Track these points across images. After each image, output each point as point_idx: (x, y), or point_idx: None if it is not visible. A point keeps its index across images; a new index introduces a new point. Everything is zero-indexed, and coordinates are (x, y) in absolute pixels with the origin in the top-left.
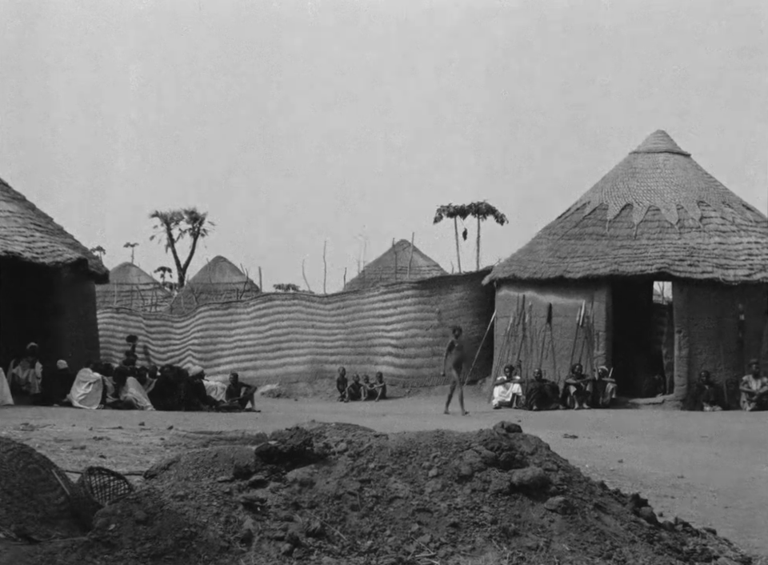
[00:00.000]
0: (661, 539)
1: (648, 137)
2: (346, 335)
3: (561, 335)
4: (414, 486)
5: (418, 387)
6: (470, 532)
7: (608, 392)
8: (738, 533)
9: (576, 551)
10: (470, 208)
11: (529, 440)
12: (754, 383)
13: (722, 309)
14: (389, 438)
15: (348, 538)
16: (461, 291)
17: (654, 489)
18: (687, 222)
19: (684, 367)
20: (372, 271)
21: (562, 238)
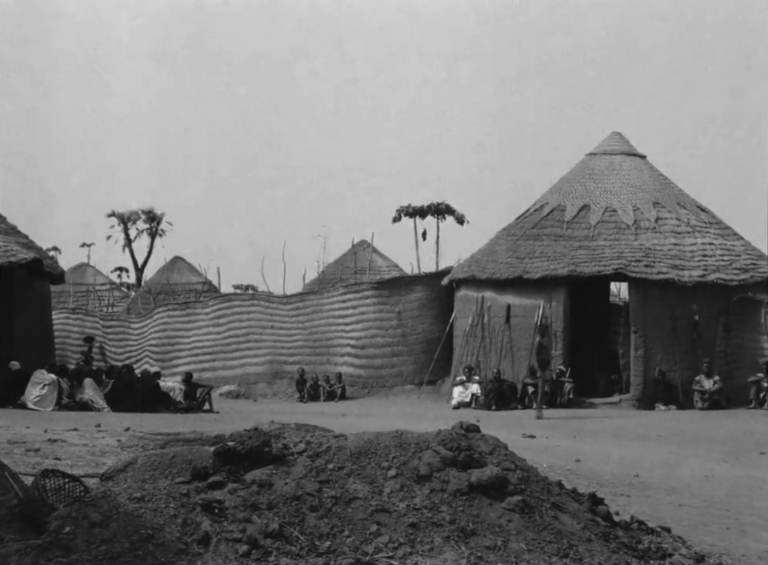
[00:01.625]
0: (616, 538)
1: (604, 138)
2: (305, 336)
3: (519, 335)
4: (373, 487)
5: (377, 388)
6: (428, 532)
7: (566, 392)
8: (691, 531)
9: (533, 550)
10: (429, 208)
11: (487, 440)
12: (707, 383)
13: (677, 309)
14: (348, 439)
15: (306, 539)
16: (420, 292)
17: (611, 488)
18: (643, 224)
19: (640, 367)
20: (332, 272)
21: (521, 239)
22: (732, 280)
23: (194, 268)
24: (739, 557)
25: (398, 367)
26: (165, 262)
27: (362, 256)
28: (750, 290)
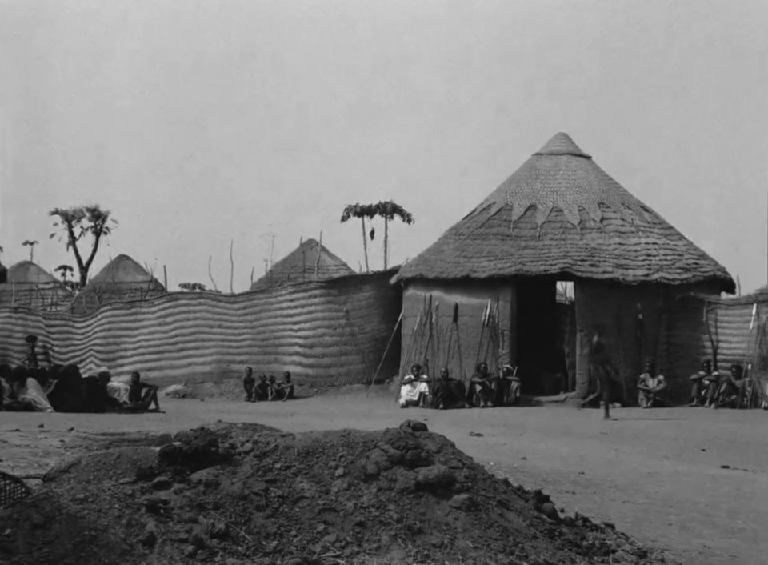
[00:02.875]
0: (561, 534)
1: (550, 139)
2: (253, 335)
3: (467, 334)
4: (321, 486)
5: (325, 387)
6: (375, 531)
7: (512, 390)
8: (634, 527)
9: (479, 548)
10: (377, 208)
11: (434, 438)
12: (651, 381)
13: (622, 308)
14: (295, 438)
15: (253, 539)
16: (368, 291)
17: (556, 485)
18: (588, 223)
19: (585, 365)
20: (280, 270)
21: (468, 238)
22: (675, 279)
23: (139, 267)
24: (680, 552)
25: (346, 366)
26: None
27: (310, 255)
28: (692, 290)
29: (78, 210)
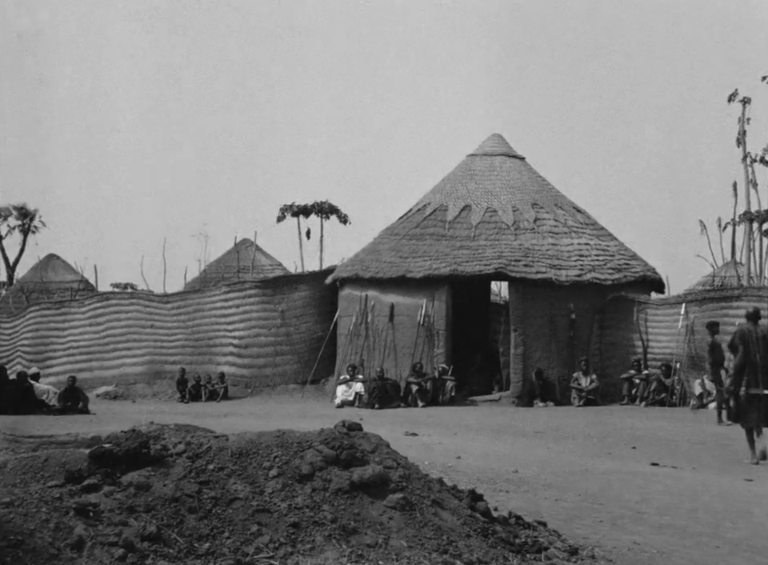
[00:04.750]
0: (495, 533)
1: (484, 140)
2: (186, 335)
3: (402, 334)
4: (254, 487)
5: (260, 387)
6: (309, 531)
7: (448, 390)
8: (566, 524)
9: (414, 547)
10: (313, 207)
11: (369, 438)
12: (584, 380)
13: (555, 308)
14: (229, 440)
15: (185, 541)
16: (304, 291)
17: (490, 484)
18: (522, 224)
19: (519, 365)
20: (214, 270)
21: (404, 239)
22: (606, 279)
23: (69, 266)
24: (611, 549)
25: (281, 366)
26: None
27: (244, 255)
28: (623, 290)
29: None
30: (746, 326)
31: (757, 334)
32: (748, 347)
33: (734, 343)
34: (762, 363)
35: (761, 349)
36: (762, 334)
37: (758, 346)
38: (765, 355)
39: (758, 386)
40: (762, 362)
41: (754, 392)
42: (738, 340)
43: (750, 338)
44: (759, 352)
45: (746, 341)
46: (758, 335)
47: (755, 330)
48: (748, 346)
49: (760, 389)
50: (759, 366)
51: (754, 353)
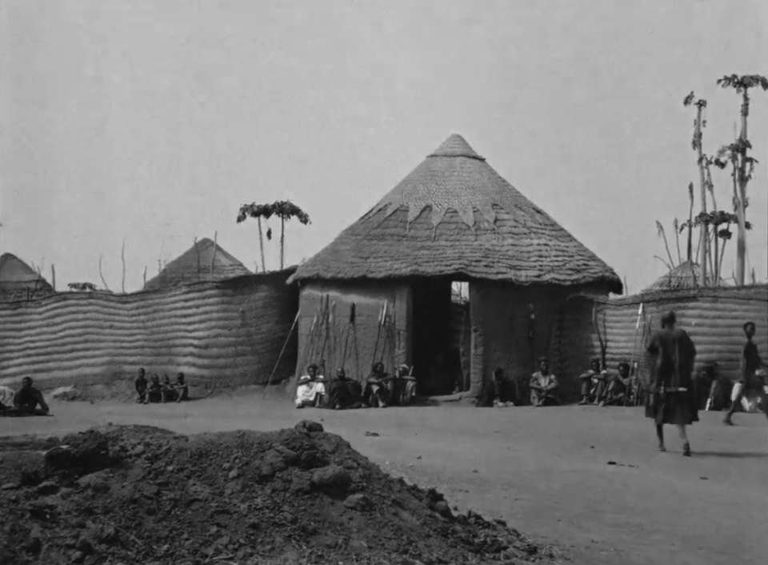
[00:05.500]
0: (454, 533)
1: (445, 141)
2: (146, 335)
3: (364, 335)
4: (214, 488)
5: (220, 388)
6: (269, 532)
7: (408, 390)
8: (525, 524)
9: (374, 547)
10: (274, 207)
11: (330, 439)
12: (543, 380)
13: (515, 308)
14: (189, 440)
15: (144, 543)
16: (265, 291)
17: (450, 484)
18: (483, 225)
19: (479, 365)
20: (173, 270)
21: (365, 239)
22: (565, 280)
23: (26, 266)
24: (568, 548)
25: (241, 367)
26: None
27: (205, 255)
28: (582, 290)
29: None
30: (663, 330)
31: (673, 337)
32: (666, 349)
33: (654, 345)
34: (678, 363)
35: (676, 350)
36: (677, 336)
37: (674, 348)
38: (680, 356)
39: (675, 385)
40: (678, 361)
41: (671, 390)
42: (657, 342)
43: (667, 340)
44: (675, 353)
45: (663, 343)
46: (674, 337)
47: (671, 332)
48: (666, 347)
49: (676, 386)
50: (675, 366)
51: (671, 354)
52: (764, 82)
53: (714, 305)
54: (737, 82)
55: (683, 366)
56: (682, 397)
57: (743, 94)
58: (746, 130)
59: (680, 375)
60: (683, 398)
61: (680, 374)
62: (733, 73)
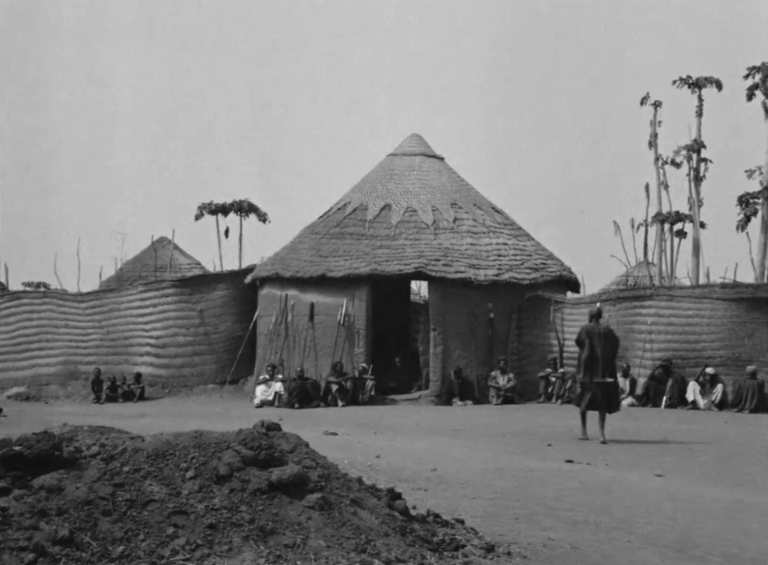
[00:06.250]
0: (413, 531)
1: (404, 140)
2: (102, 335)
3: (323, 334)
4: (171, 489)
5: (178, 388)
6: (227, 533)
7: (367, 389)
8: (483, 522)
9: (332, 547)
10: (232, 206)
11: (288, 438)
12: (502, 379)
13: (474, 307)
14: (145, 440)
15: (99, 545)
16: (223, 290)
17: (409, 482)
18: (442, 224)
19: (438, 364)
20: (130, 269)
21: (324, 238)
22: (524, 279)
23: None
24: (526, 545)
25: (199, 366)
26: None
27: (162, 253)
28: (540, 289)
29: None
30: (590, 324)
31: (599, 331)
32: (592, 342)
33: (581, 339)
34: (603, 356)
35: (602, 343)
36: (603, 330)
37: (600, 341)
38: (605, 349)
39: (600, 376)
40: (603, 354)
41: (597, 381)
42: (584, 336)
43: (594, 334)
44: (601, 346)
45: (590, 336)
46: (600, 332)
47: (598, 327)
48: (592, 341)
49: (602, 378)
50: (601, 359)
51: (597, 347)
52: (718, 83)
53: (670, 304)
54: (691, 84)
55: (608, 359)
56: (606, 387)
57: (698, 96)
58: (700, 130)
59: (605, 367)
60: (607, 388)
61: (605, 366)
62: (687, 74)
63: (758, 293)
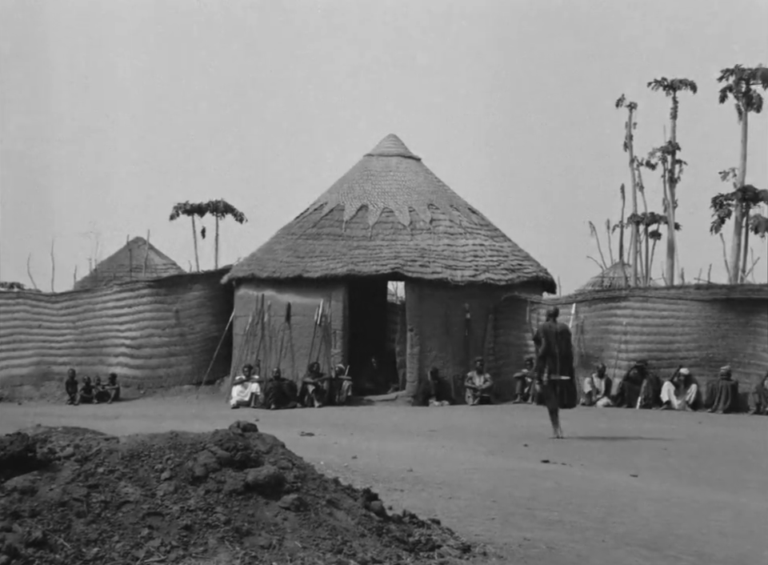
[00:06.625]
0: (389, 532)
1: (381, 140)
2: (76, 336)
3: (299, 334)
4: (146, 490)
5: (153, 388)
6: (202, 534)
7: (344, 390)
8: (459, 522)
9: (308, 547)
10: (208, 206)
11: (264, 439)
12: (478, 379)
13: (450, 308)
14: (120, 441)
15: (72, 547)
16: (199, 290)
17: (385, 483)
18: (418, 224)
19: (415, 364)
20: (105, 269)
21: (301, 238)
22: (500, 280)
23: None
24: (502, 545)
25: (175, 367)
26: None
27: (137, 254)
28: (516, 290)
29: None
30: (547, 323)
31: (556, 330)
32: (549, 340)
33: (538, 337)
34: (559, 354)
35: (558, 342)
36: (560, 329)
37: (556, 340)
38: (561, 347)
39: (557, 373)
40: (560, 352)
41: (554, 378)
42: (541, 334)
43: (551, 333)
44: (557, 344)
45: (547, 335)
46: (557, 330)
47: (554, 326)
48: (549, 339)
49: (558, 375)
50: (557, 356)
51: (554, 345)
52: (692, 85)
53: (645, 305)
54: (666, 86)
55: (564, 357)
56: (563, 384)
57: (672, 98)
58: (675, 132)
59: (562, 365)
60: (564, 385)
61: (562, 364)
62: (663, 76)
63: (732, 294)
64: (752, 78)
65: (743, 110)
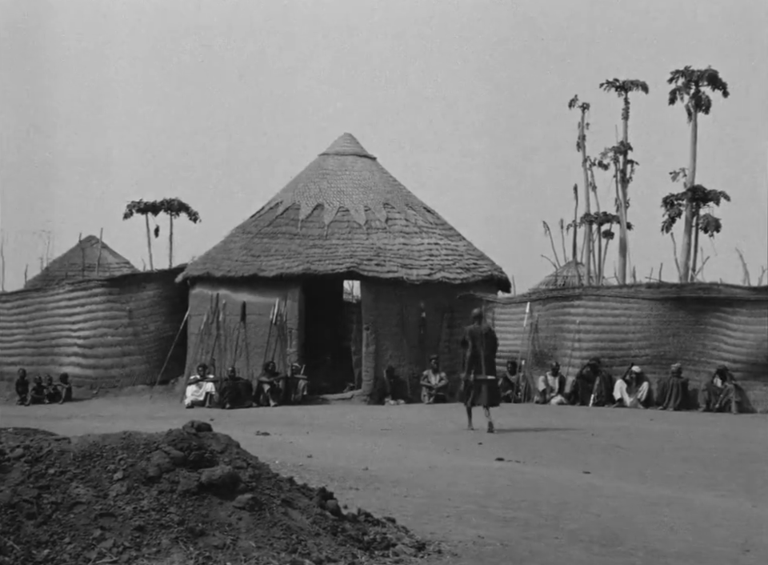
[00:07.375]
0: (344, 531)
1: (336, 139)
2: (27, 335)
3: (255, 333)
4: (98, 491)
5: (106, 388)
6: (155, 534)
7: (300, 389)
8: (414, 520)
9: (263, 547)
10: (162, 205)
11: (219, 439)
12: (433, 378)
13: (406, 307)
14: (71, 442)
15: (22, 549)
16: (153, 289)
17: (341, 482)
18: (374, 223)
19: (371, 363)
20: (57, 268)
21: (256, 237)
22: (455, 279)
23: None
24: (456, 543)
25: (128, 367)
26: None
27: (90, 252)
28: (471, 289)
29: None
30: (473, 326)
31: (481, 332)
32: (475, 342)
33: (465, 339)
34: (485, 355)
35: (484, 343)
36: (485, 331)
37: (482, 341)
38: (486, 348)
39: (483, 373)
40: (485, 353)
41: (479, 378)
42: (467, 337)
43: (477, 335)
44: (482, 346)
45: (473, 337)
46: (482, 332)
47: (480, 328)
48: (475, 341)
49: (485, 375)
50: (483, 357)
51: (479, 346)
52: (644, 86)
53: (598, 303)
54: (618, 87)
55: (489, 357)
56: (488, 384)
57: (624, 99)
58: (626, 133)
59: (486, 365)
60: (489, 384)
61: (486, 364)
62: (615, 77)
63: (682, 293)
64: (701, 80)
65: (693, 111)
